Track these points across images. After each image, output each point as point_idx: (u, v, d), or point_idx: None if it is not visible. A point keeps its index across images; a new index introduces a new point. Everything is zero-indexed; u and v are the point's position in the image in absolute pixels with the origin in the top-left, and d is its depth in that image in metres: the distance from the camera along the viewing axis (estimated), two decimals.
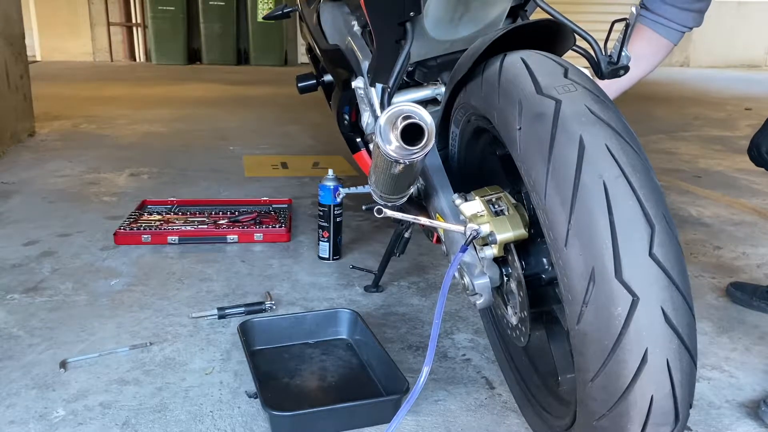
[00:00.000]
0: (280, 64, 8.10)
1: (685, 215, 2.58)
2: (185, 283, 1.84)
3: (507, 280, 1.16)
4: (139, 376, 1.38)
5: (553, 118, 0.90)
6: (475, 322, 1.64)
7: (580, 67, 1.01)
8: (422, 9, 1.27)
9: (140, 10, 8.14)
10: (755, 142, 1.57)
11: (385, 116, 0.98)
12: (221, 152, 3.48)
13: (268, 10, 7.66)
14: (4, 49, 3.30)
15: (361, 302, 1.75)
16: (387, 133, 0.99)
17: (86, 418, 1.23)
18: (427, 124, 0.98)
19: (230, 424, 1.23)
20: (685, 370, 0.83)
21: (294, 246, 2.15)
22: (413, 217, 1.12)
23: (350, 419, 1.22)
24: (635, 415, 0.84)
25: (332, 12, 1.85)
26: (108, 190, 2.71)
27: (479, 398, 1.34)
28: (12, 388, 1.32)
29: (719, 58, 9.52)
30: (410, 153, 0.99)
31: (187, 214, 2.35)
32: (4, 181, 2.80)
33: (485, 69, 1.08)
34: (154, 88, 5.86)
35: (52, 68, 7.02)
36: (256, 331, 1.49)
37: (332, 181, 1.98)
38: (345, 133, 1.72)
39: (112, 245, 2.09)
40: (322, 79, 1.88)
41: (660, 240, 0.83)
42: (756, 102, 5.93)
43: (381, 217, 1.14)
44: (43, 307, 1.67)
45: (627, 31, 1.14)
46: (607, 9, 8.08)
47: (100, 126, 4.06)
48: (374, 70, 1.40)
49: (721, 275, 2.00)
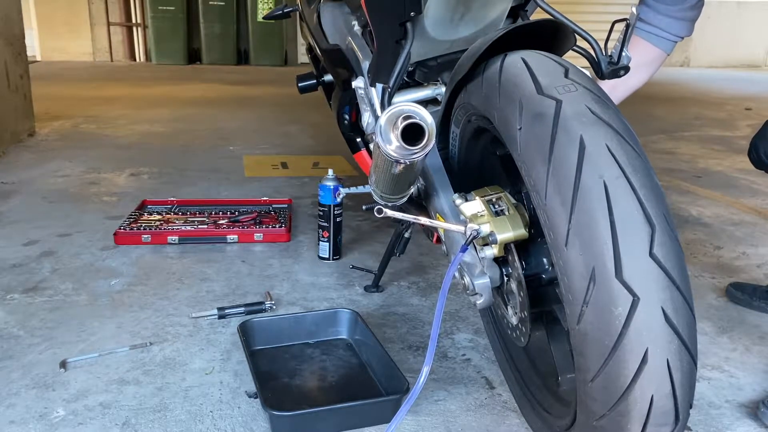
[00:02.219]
0: (280, 64, 8.10)
1: (685, 215, 2.58)
2: (185, 283, 1.84)
3: (507, 280, 1.16)
4: (139, 376, 1.38)
5: (554, 118, 0.90)
6: (475, 322, 1.65)
7: (581, 68, 1.01)
8: (422, 9, 1.27)
9: (140, 10, 8.13)
10: (754, 144, 1.57)
11: (385, 116, 0.98)
12: (221, 152, 3.48)
13: (268, 10, 7.66)
14: (4, 49, 3.30)
15: (361, 302, 1.75)
16: (387, 132, 0.99)
17: (86, 418, 1.23)
18: (428, 124, 0.98)
19: (230, 424, 1.23)
20: (685, 370, 0.83)
21: (294, 246, 2.15)
22: (413, 217, 1.12)
23: (350, 419, 1.22)
24: (635, 415, 0.84)
25: (332, 12, 1.85)
26: (108, 190, 2.71)
27: (479, 398, 1.34)
28: (12, 388, 1.32)
29: (719, 58, 9.53)
30: (411, 153, 0.99)
31: (187, 214, 2.35)
32: (4, 181, 2.80)
33: (486, 69, 1.08)
34: (154, 88, 5.86)
35: (52, 68, 7.02)
36: (256, 331, 1.49)
37: (332, 181, 1.98)
38: (345, 133, 1.72)
39: (112, 245, 2.09)
40: (322, 79, 1.88)
41: (660, 240, 0.83)
42: (756, 102, 5.93)
43: (381, 216, 1.14)
44: (43, 307, 1.67)
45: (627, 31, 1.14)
46: (607, 9, 8.08)
47: (100, 126, 4.06)
48: (374, 70, 1.40)
49: (721, 275, 2.00)
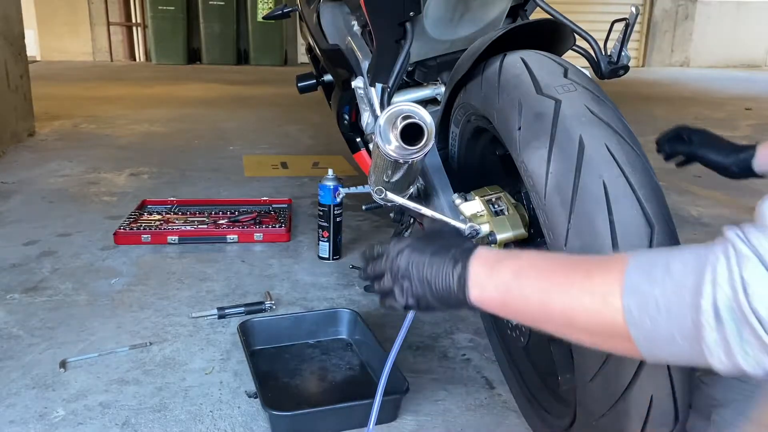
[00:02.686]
0: (280, 64, 8.10)
1: (685, 215, 2.58)
2: (185, 282, 1.84)
3: None
4: (139, 375, 1.38)
5: (553, 117, 0.90)
6: (475, 322, 1.64)
7: (580, 67, 1.01)
8: (422, 9, 1.27)
9: (140, 9, 8.13)
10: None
11: (384, 116, 0.98)
12: (221, 152, 3.48)
13: (268, 10, 7.66)
14: (4, 49, 3.30)
15: (361, 302, 1.75)
16: (387, 132, 0.99)
17: (86, 417, 1.23)
18: (427, 123, 0.98)
19: (230, 424, 1.23)
20: (684, 370, 0.83)
21: (294, 246, 2.15)
22: (415, 205, 1.12)
23: (350, 419, 1.21)
24: (635, 415, 0.84)
25: (332, 12, 1.85)
26: (108, 190, 2.71)
27: (479, 398, 1.34)
28: (12, 388, 1.32)
29: (719, 58, 9.52)
30: (410, 153, 0.99)
31: (187, 213, 2.35)
32: (4, 180, 2.80)
33: (485, 69, 1.08)
34: (154, 87, 5.86)
35: (52, 68, 7.02)
36: (256, 331, 1.49)
37: (332, 181, 1.98)
38: (345, 133, 1.73)
39: (112, 245, 2.09)
40: (322, 79, 1.88)
41: (660, 240, 0.82)
42: (756, 102, 5.93)
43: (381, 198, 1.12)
44: (43, 306, 1.67)
45: (627, 31, 1.14)
46: (607, 9, 8.08)
47: (100, 126, 4.06)
48: (374, 70, 1.40)
49: None
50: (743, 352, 0.57)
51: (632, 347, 0.64)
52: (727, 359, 0.58)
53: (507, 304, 0.75)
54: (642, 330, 0.62)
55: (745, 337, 0.57)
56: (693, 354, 0.60)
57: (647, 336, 0.62)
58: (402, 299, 0.84)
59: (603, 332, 0.66)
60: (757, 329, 0.56)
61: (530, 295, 0.71)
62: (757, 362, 0.57)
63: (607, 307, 0.64)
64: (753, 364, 0.58)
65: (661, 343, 0.62)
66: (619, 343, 0.65)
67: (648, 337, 0.62)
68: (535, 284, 0.71)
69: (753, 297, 0.56)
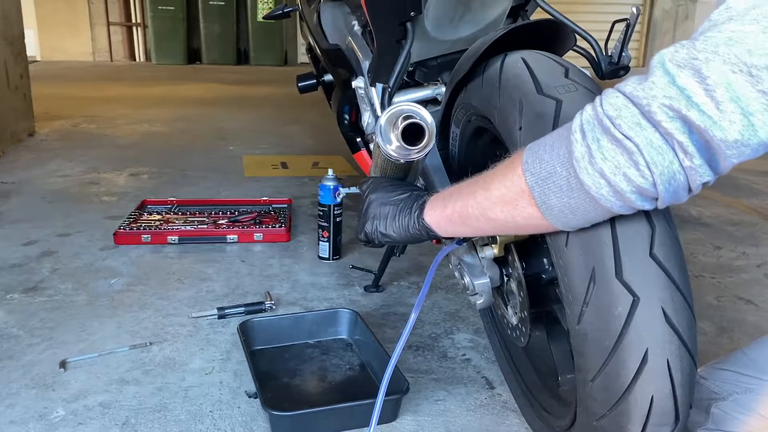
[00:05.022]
0: (280, 64, 8.10)
1: (685, 215, 2.58)
2: (185, 282, 1.84)
3: (507, 280, 1.16)
4: (138, 376, 1.38)
5: (554, 118, 0.90)
6: (475, 322, 1.64)
7: (581, 68, 1.01)
8: (423, 9, 1.27)
9: (140, 9, 8.14)
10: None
11: (385, 116, 0.98)
12: (221, 152, 3.48)
13: (268, 9, 7.66)
14: (4, 49, 3.30)
15: (361, 302, 1.75)
16: (387, 132, 0.99)
17: (86, 417, 1.23)
18: (428, 123, 0.98)
19: (230, 424, 1.23)
20: (685, 370, 0.83)
21: (294, 246, 2.15)
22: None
23: (350, 419, 1.21)
24: (635, 415, 0.84)
25: (332, 12, 1.85)
26: (108, 190, 2.71)
27: (479, 398, 1.34)
28: (12, 388, 1.32)
29: None
30: (411, 153, 0.99)
31: (187, 213, 2.35)
32: (3, 180, 2.80)
33: (486, 69, 1.07)
34: (154, 87, 5.86)
35: (52, 68, 7.02)
36: (255, 331, 1.48)
37: (332, 181, 1.98)
38: (345, 133, 1.72)
39: (112, 245, 2.09)
40: (322, 79, 1.88)
41: (660, 240, 0.82)
42: None
43: None
44: (43, 307, 1.67)
45: (628, 31, 1.14)
46: (608, 9, 8.08)
47: (99, 126, 4.06)
48: (375, 70, 1.40)
49: (721, 275, 2.00)
50: (602, 156, 0.69)
51: (531, 201, 0.77)
52: (591, 167, 0.70)
53: (449, 217, 0.93)
54: (534, 175, 0.76)
55: (602, 143, 0.69)
56: (571, 185, 0.73)
57: (538, 179, 0.76)
58: (371, 228, 1.05)
59: (510, 194, 0.80)
60: (609, 128, 0.68)
61: (466, 198, 0.89)
62: (616, 166, 0.68)
63: (511, 172, 0.80)
64: (613, 169, 0.68)
65: (549, 184, 0.75)
66: (521, 199, 0.79)
67: (539, 179, 0.76)
68: (467, 190, 0.90)
69: (605, 105, 0.69)
